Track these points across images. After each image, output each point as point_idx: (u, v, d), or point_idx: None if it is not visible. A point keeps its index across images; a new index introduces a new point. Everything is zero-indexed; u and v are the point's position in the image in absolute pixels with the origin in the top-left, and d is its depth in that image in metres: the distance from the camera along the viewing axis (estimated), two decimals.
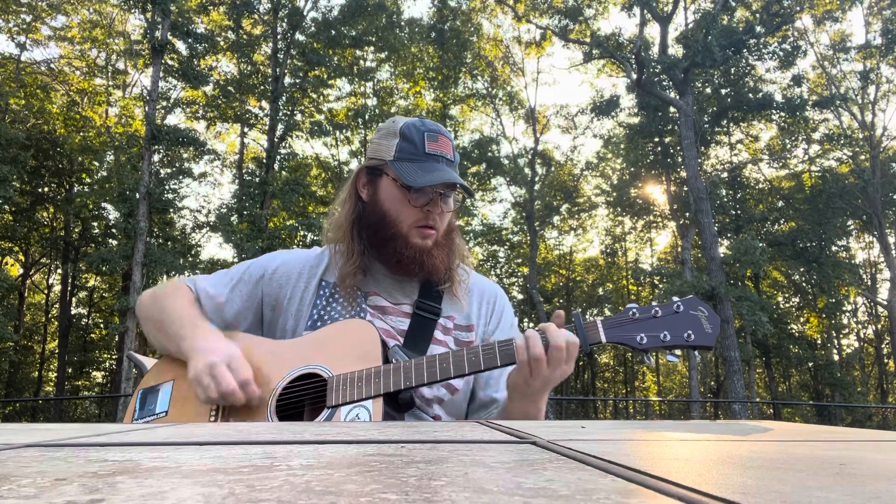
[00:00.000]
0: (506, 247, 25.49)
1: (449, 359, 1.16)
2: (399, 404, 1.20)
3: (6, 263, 21.61)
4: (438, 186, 1.26)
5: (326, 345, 1.23)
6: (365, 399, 1.15)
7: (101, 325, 23.46)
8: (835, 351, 24.85)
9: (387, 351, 1.21)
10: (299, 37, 19.06)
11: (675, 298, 1.16)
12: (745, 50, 18.65)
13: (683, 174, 19.31)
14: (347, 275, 1.32)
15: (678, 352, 1.15)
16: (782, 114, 19.89)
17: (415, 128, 1.29)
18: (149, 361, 1.43)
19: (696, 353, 1.17)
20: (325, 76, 19.59)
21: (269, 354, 1.26)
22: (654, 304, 1.16)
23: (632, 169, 23.17)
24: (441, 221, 1.31)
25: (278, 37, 18.85)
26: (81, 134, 19.71)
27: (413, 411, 1.24)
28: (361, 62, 21.05)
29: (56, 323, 22.49)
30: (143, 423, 1.27)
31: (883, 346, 24.50)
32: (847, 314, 25.19)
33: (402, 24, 20.82)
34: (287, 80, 18.79)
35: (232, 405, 1.20)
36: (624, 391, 29.03)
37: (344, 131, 20.66)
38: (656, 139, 21.47)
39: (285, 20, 18.75)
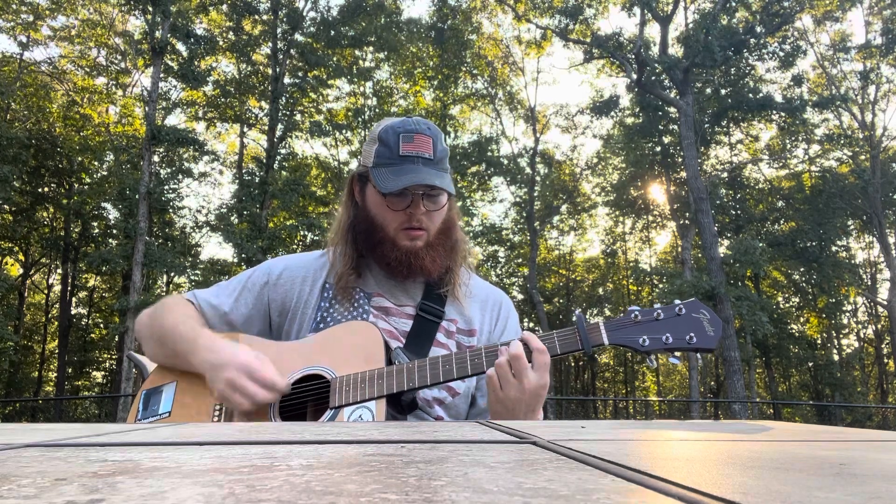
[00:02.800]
0: (506, 247, 25.49)
1: (452, 360, 1.16)
2: (402, 405, 1.21)
3: (6, 263, 21.61)
4: (416, 187, 1.25)
5: (330, 346, 1.23)
6: (367, 400, 1.15)
7: (101, 325, 23.47)
8: (835, 351, 24.85)
9: (390, 353, 1.22)
10: (298, 37, 19.07)
11: (677, 301, 1.16)
12: (745, 50, 18.65)
13: (683, 174, 19.31)
14: (342, 275, 1.33)
15: (679, 353, 1.15)
16: (782, 114, 19.90)
17: (392, 130, 1.29)
18: (148, 362, 1.43)
19: (698, 354, 1.17)
20: (325, 76, 19.59)
21: (273, 356, 1.26)
22: (656, 306, 1.16)
23: (632, 169, 23.18)
24: (430, 221, 1.29)
25: (278, 37, 18.85)
26: (81, 134, 19.72)
27: (415, 412, 1.24)
28: (361, 62, 21.07)
29: (56, 323, 22.49)
30: (146, 423, 1.27)
31: (883, 346, 24.49)
32: (847, 314, 25.20)
33: (402, 23, 20.83)
34: (287, 80, 18.80)
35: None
36: (624, 391, 29.03)
37: (344, 131, 20.67)
38: (656, 139, 21.48)
39: (285, 20, 18.76)
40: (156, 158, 17.50)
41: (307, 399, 1.22)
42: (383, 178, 1.24)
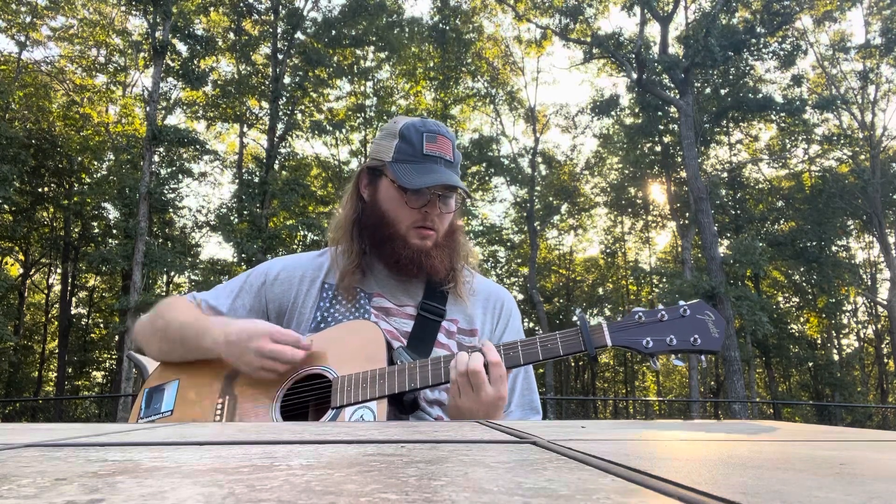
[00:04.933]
0: (506, 247, 25.50)
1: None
2: (403, 405, 1.20)
3: (6, 263, 21.61)
4: (435, 188, 1.25)
5: (331, 346, 1.23)
6: (369, 400, 1.15)
7: (101, 325, 23.48)
8: (835, 351, 24.85)
9: (391, 352, 1.21)
10: (299, 36, 19.07)
11: (682, 302, 1.15)
12: (745, 50, 18.65)
13: (683, 174, 19.32)
14: (346, 273, 1.32)
15: (683, 355, 1.14)
16: (782, 114, 19.91)
17: (414, 128, 1.29)
18: (149, 362, 1.43)
19: (702, 355, 1.16)
20: (326, 76, 19.60)
21: None
22: (660, 307, 1.15)
23: (631, 169, 23.18)
24: (440, 222, 1.30)
25: (278, 37, 18.86)
26: (81, 134, 19.72)
27: (417, 413, 1.24)
28: (362, 62, 21.06)
29: (56, 323, 22.49)
30: (148, 421, 1.27)
31: (883, 346, 24.49)
32: (847, 314, 25.20)
33: (403, 23, 20.83)
34: (287, 79, 18.80)
35: (236, 403, 1.21)
36: (624, 391, 29.04)
37: (344, 131, 20.67)
38: (656, 139, 21.48)
39: (285, 20, 18.77)
40: (156, 158, 17.49)
41: (308, 399, 1.22)
42: (406, 174, 1.24)
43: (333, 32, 18.99)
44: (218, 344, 1.21)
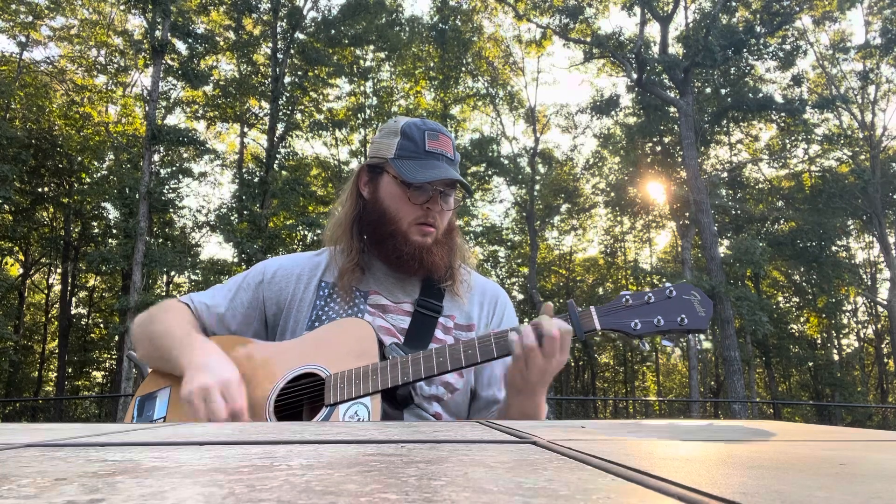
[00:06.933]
0: (506, 247, 25.48)
1: (445, 352, 1.15)
2: (397, 401, 1.21)
3: (6, 263, 21.61)
4: (438, 184, 1.26)
5: (323, 344, 1.23)
6: (362, 396, 1.15)
7: (101, 325, 23.47)
8: (835, 351, 24.86)
9: (383, 348, 1.22)
10: (299, 36, 19.07)
11: (668, 284, 1.16)
12: (745, 50, 18.65)
13: (683, 174, 19.32)
14: (345, 271, 1.33)
15: (673, 336, 1.15)
16: (782, 114, 19.91)
17: (416, 126, 1.31)
18: None
19: (692, 337, 1.17)
20: (325, 75, 19.60)
21: (267, 356, 1.26)
22: (647, 290, 1.16)
23: (631, 169, 23.17)
24: (441, 219, 1.31)
25: (278, 36, 18.85)
26: (81, 133, 19.72)
27: (412, 408, 1.24)
28: (361, 62, 21.07)
29: (56, 323, 22.49)
30: None
31: (883, 346, 24.50)
32: (847, 314, 25.20)
33: (403, 23, 20.84)
34: (287, 79, 18.79)
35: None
36: (624, 391, 29.03)
37: (343, 130, 20.67)
38: (656, 139, 21.47)
39: (285, 20, 18.76)
40: (156, 158, 17.47)
41: (302, 397, 1.22)
42: (409, 170, 1.25)
43: (333, 32, 18.99)
44: (189, 364, 1.20)
